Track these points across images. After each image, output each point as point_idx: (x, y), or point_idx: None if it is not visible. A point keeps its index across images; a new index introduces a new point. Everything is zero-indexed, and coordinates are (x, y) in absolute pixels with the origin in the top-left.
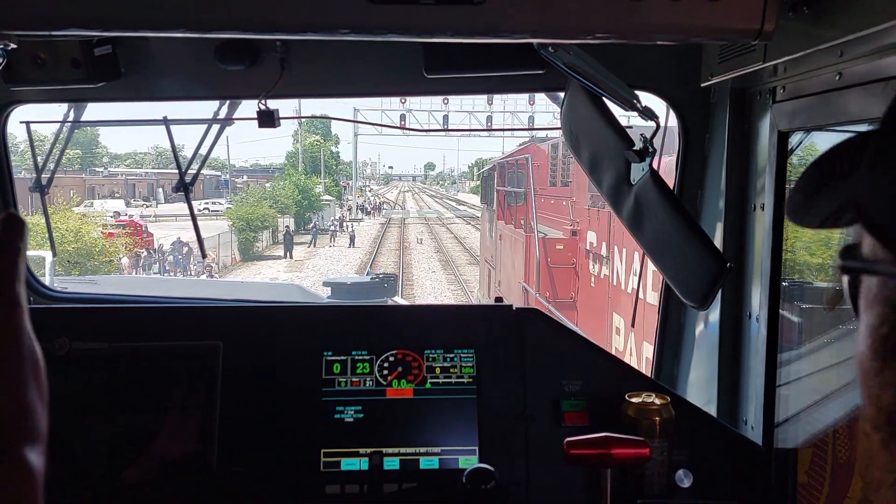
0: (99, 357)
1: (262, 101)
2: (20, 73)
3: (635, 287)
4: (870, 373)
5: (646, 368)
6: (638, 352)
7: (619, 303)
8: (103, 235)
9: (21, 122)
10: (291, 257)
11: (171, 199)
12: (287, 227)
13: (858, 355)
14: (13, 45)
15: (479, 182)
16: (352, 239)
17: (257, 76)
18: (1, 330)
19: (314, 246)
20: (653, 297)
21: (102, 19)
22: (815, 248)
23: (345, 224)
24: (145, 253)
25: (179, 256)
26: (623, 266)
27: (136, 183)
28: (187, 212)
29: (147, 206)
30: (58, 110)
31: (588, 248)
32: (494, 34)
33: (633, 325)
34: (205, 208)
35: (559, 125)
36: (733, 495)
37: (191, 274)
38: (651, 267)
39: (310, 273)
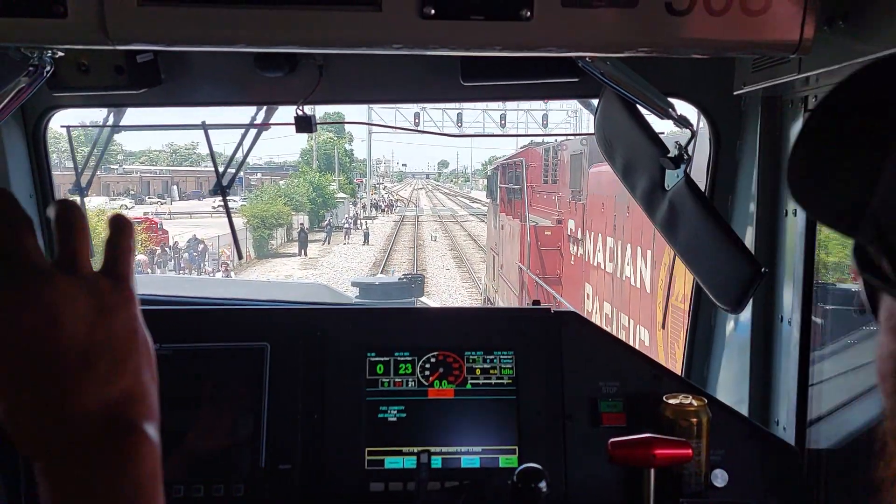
0: None
1: (300, 107)
2: (64, 79)
3: (600, 261)
4: (890, 391)
5: (604, 322)
6: (599, 308)
7: (590, 275)
8: None
9: (62, 127)
10: (306, 255)
11: (185, 196)
12: (302, 224)
13: (880, 369)
14: (60, 54)
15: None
16: (366, 236)
17: (295, 83)
18: (123, 321)
19: (328, 243)
20: (609, 267)
21: (146, 35)
22: (832, 248)
23: (359, 221)
24: (160, 250)
25: (195, 254)
26: (592, 246)
27: (151, 180)
28: (201, 209)
29: (161, 204)
30: (92, 113)
31: (569, 233)
32: (540, 49)
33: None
34: (219, 206)
35: (572, 124)
36: (768, 495)
37: (206, 271)
38: (610, 243)
39: (325, 270)
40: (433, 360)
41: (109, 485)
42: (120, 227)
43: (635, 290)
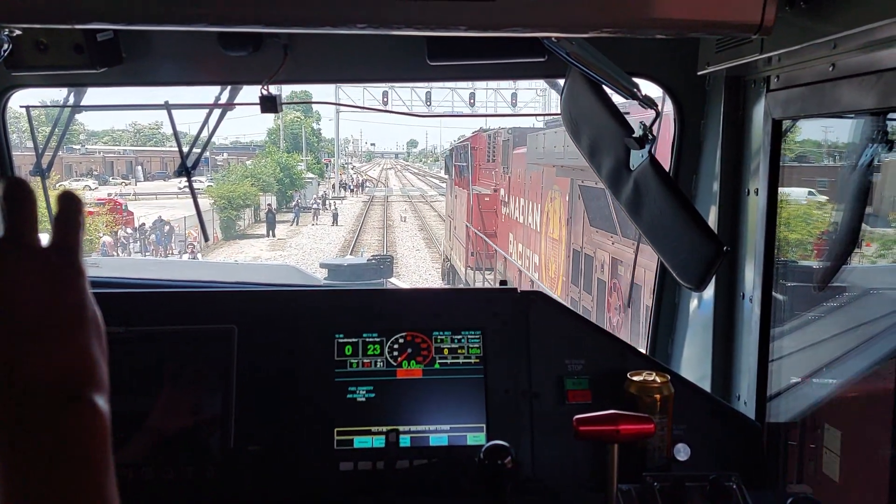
0: (117, 340)
1: (265, 87)
2: (22, 58)
3: (518, 216)
4: None
5: (519, 258)
6: (517, 249)
7: (513, 229)
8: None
9: (21, 107)
10: (274, 236)
11: (150, 176)
12: (269, 205)
13: None
14: (18, 32)
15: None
16: (335, 217)
17: (260, 62)
18: (72, 294)
19: (297, 224)
20: (522, 219)
21: (107, 13)
22: (795, 225)
23: (328, 202)
24: (127, 231)
25: (161, 235)
26: (514, 206)
27: (114, 161)
28: (166, 190)
29: (126, 185)
30: (54, 93)
31: (501, 198)
32: (505, 29)
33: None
34: (185, 186)
35: (541, 103)
36: (729, 467)
37: (173, 252)
38: (522, 202)
39: (293, 252)
40: (401, 340)
41: (57, 453)
42: (68, 202)
43: (535, 232)
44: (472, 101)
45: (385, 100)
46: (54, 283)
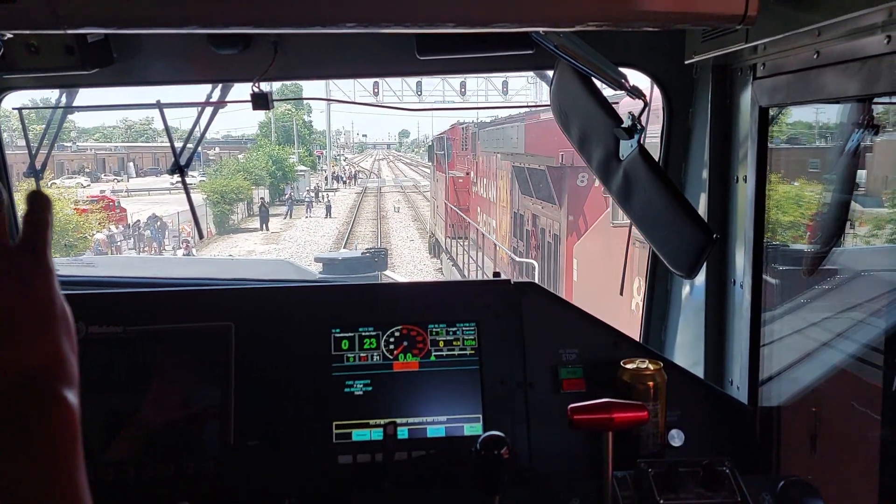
0: (115, 340)
1: (256, 84)
2: (14, 60)
3: (482, 193)
4: None
5: (485, 226)
6: (483, 218)
7: (480, 203)
8: (76, 212)
9: (13, 109)
10: (268, 229)
11: (142, 172)
12: (262, 198)
13: None
14: (9, 35)
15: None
16: (328, 209)
17: (250, 59)
18: (40, 293)
19: (290, 217)
20: (484, 194)
21: (98, 18)
22: (791, 209)
23: (320, 194)
24: (121, 228)
25: (155, 231)
26: (480, 185)
27: (106, 157)
28: (159, 186)
29: (118, 181)
30: (47, 94)
31: (472, 179)
32: (492, 25)
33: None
34: (178, 182)
35: (532, 91)
36: (723, 452)
37: (167, 249)
38: (485, 181)
39: (287, 245)
40: (397, 333)
41: (28, 448)
42: (37, 202)
43: (493, 203)
44: (462, 89)
45: (376, 90)
46: (23, 282)
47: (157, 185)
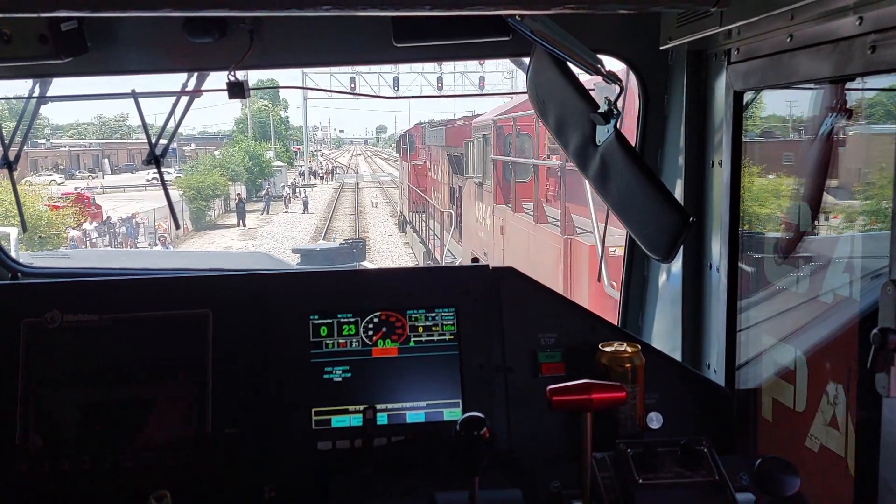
0: (91, 329)
1: (232, 73)
2: None
3: (433, 176)
4: None
5: (435, 202)
6: (436, 197)
7: (432, 184)
8: (48, 208)
9: None
10: (245, 225)
11: (117, 169)
12: (239, 194)
13: None
14: None
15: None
16: (305, 205)
17: (226, 48)
18: None
19: (268, 213)
20: (435, 177)
21: (72, 1)
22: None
23: (298, 190)
24: (95, 225)
25: (131, 228)
26: (433, 171)
27: (80, 154)
28: (134, 182)
29: (93, 178)
30: (17, 85)
31: (428, 166)
32: (469, 7)
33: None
34: (154, 178)
35: (508, 85)
36: (700, 434)
37: (142, 245)
38: (435, 167)
39: (265, 241)
40: (376, 319)
41: None
42: None
43: (440, 182)
44: (439, 84)
45: (352, 86)
46: None
47: (132, 182)
